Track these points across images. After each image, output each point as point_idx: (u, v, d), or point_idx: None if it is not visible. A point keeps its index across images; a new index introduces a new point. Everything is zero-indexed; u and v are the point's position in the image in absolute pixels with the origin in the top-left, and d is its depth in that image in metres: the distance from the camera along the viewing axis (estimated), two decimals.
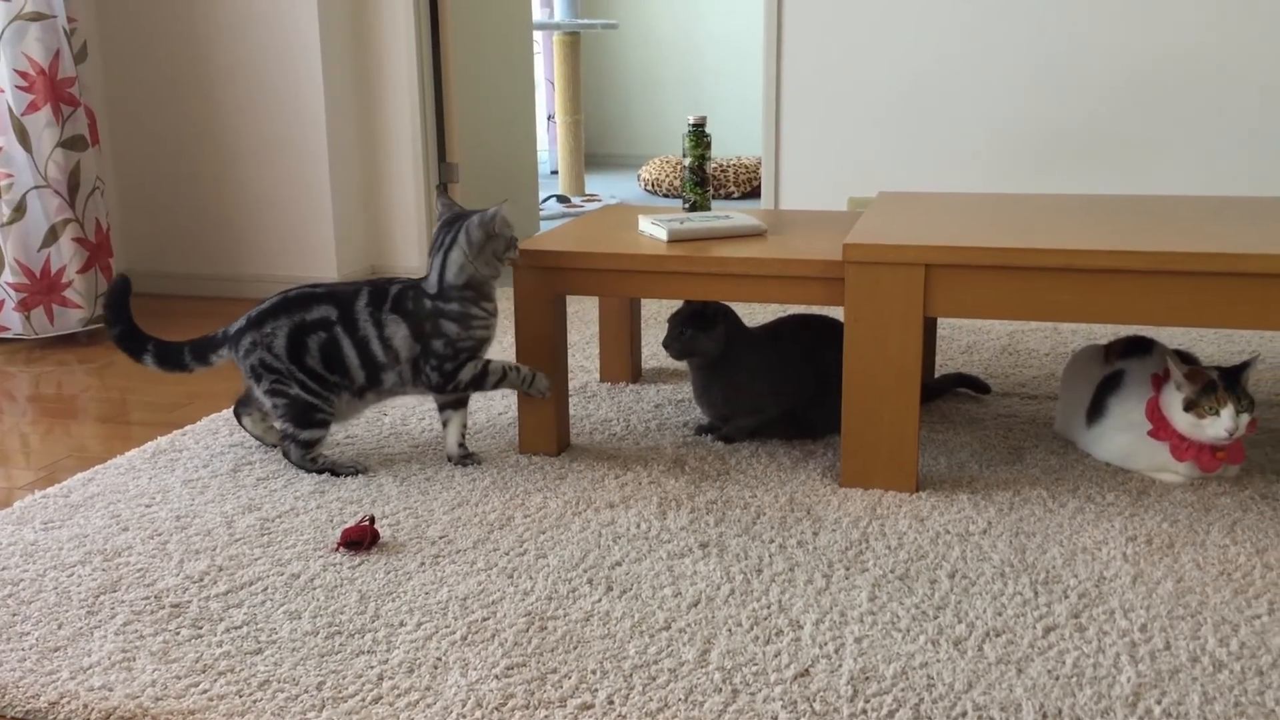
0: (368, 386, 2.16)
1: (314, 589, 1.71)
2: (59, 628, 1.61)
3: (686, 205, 2.55)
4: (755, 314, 3.24)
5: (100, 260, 3.29)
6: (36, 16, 3.12)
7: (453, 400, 2.20)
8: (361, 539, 1.83)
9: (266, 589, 1.71)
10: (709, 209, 2.54)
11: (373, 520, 1.87)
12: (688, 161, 2.53)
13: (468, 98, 4.01)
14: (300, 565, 1.79)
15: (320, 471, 2.15)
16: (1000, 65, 3.56)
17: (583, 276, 2.17)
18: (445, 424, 2.21)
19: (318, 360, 2.12)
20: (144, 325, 2.24)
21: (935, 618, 1.60)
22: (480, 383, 2.16)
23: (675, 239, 2.21)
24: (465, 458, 2.20)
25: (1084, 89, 3.51)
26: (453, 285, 2.12)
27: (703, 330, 2.23)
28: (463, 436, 2.21)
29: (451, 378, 2.14)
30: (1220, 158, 3.45)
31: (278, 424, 2.17)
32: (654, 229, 2.26)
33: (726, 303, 2.27)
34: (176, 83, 3.74)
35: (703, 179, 2.53)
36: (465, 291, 2.13)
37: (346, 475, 2.15)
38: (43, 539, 1.90)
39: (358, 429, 2.41)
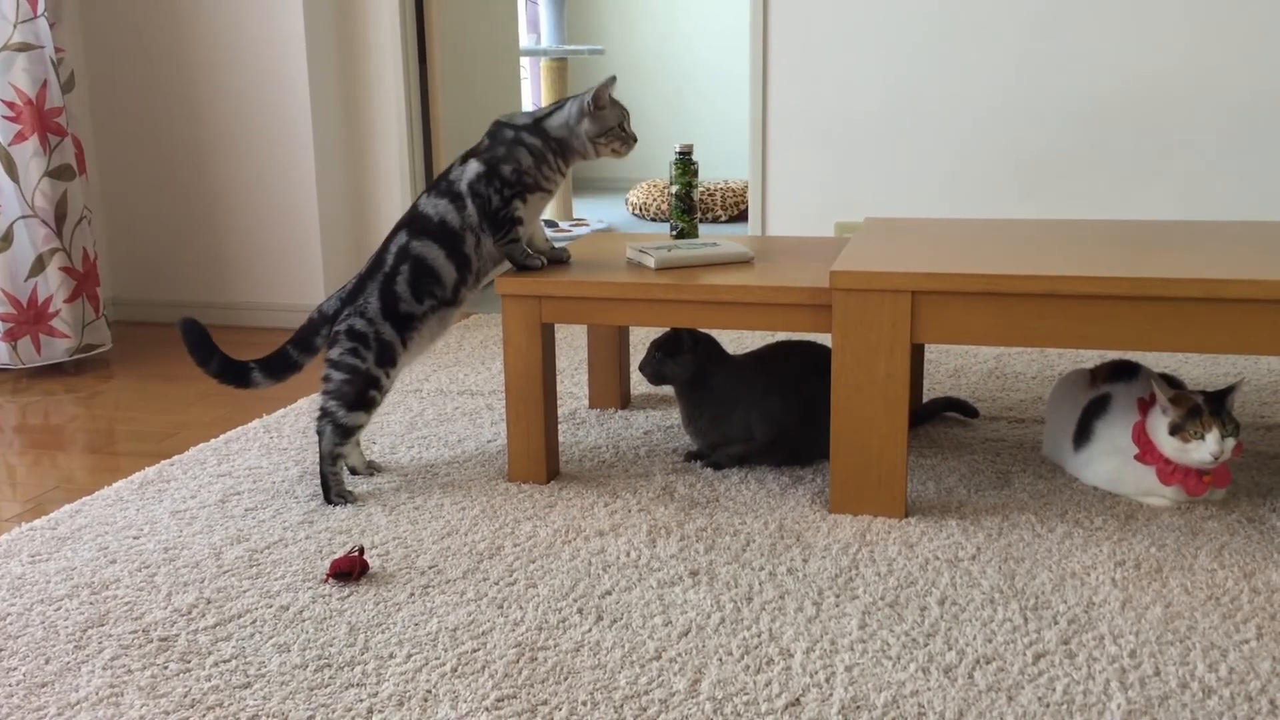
0: (461, 282, 2.18)
1: (303, 621, 1.70)
2: (46, 662, 1.60)
3: (674, 232, 2.56)
4: (743, 341, 3.25)
5: (87, 289, 3.29)
6: (24, 47, 3.12)
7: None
8: (351, 570, 1.83)
9: (255, 621, 1.70)
10: (696, 236, 2.55)
11: (362, 550, 1.87)
12: (675, 189, 2.54)
13: (455, 124, 4.03)
14: (289, 597, 1.78)
15: (329, 476, 2.15)
16: (984, 91, 3.58)
17: (570, 305, 2.18)
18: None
19: (409, 297, 2.14)
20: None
21: (925, 645, 1.60)
22: (512, 225, 2.18)
23: (663, 266, 2.22)
24: None
25: (1066, 114, 3.53)
26: (547, 129, 2.18)
27: (669, 356, 2.25)
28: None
29: (507, 205, 2.16)
30: (1198, 180, 3.48)
31: (326, 402, 2.16)
32: (642, 257, 2.26)
33: (714, 330, 2.28)
34: (164, 112, 3.75)
35: (690, 206, 2.55)
36: (551, 142, 2.18)
37: (335, 504, 2.14)
38: (30, 572, 1.89)
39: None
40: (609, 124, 2.19)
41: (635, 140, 2.24)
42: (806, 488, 2.19)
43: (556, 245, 2.32)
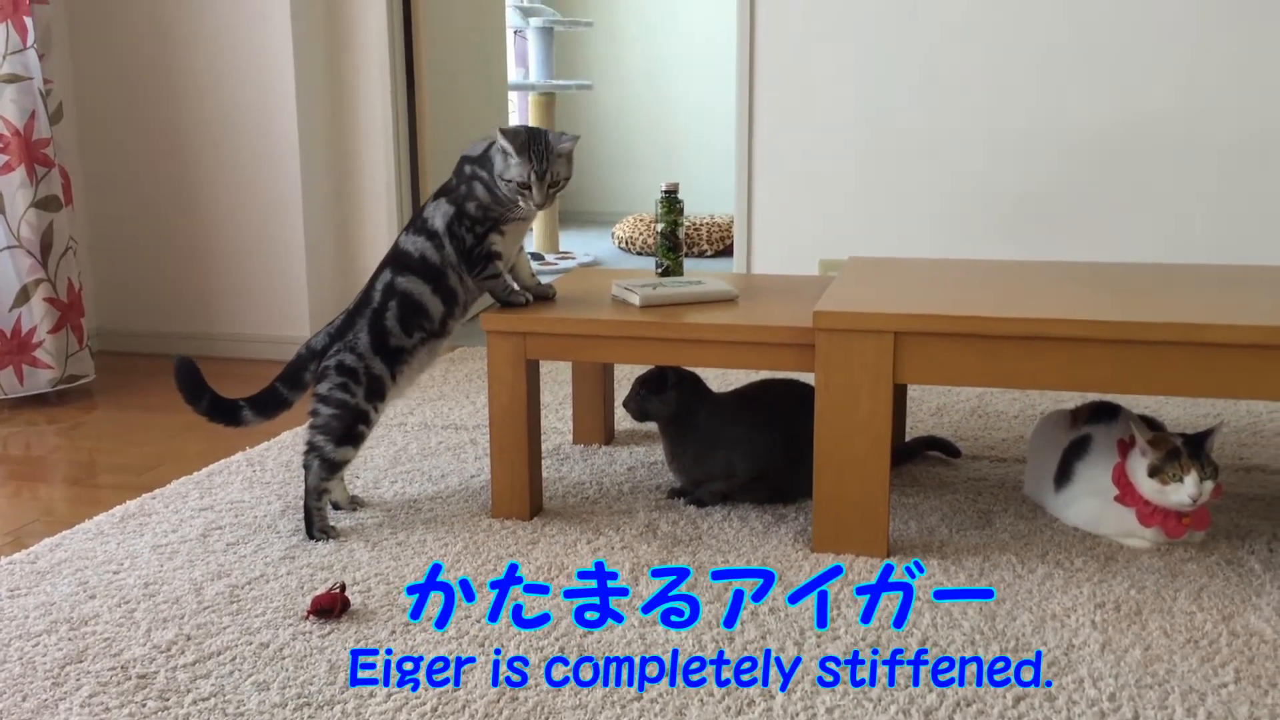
0: (449, 314, 2.19)
1: (283, 658, 1.69)
2: (23, 700, 1.59)
3: (659, 270, 2.58)
4: (727, 379, 3.26)
5: (71, 320, 3.28)
6: (12, 79, 3.13)
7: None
8: (332, 606, 1.82)
9: (235, 659, 1.70)
10: (681, 274, 2.56)
11: (343, 587, 1.86)
12: (660, 227, 2.55)
13: (443, 156, 4.05)
14: (269, 634, 1.77)
15: (313, 511, 2.15)
16: (969, 131, 3.62)
17: (555, 342, 2.19)
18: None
19: (399, 331, 2.16)
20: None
21: (906, 687, 1.60)
22: (488, 261, 2.17)
23: (647, 304, 2.23)
24: None
25: (1051, 155, 3.57)
26: (489, 157, 2.15)
27: (653, 393, 2.27)
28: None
29: (481, 241, 2.16)
30: (1181, 222, 3.51)
31: (313, 436, 2.16)
32: (626, 294, 2.27)
33: (698, 368, 2.29)
34: (150, 144, 3.76)
35: (675, 244, 2.56)
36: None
37: (318, 540, 2.14)
38: (8, 607, 1.88)
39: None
40: (508, 173, 2.09)
41: (538, 205, 2.10)
42: (789, 526, 2.19)
43: (542, 282, 2.33)
